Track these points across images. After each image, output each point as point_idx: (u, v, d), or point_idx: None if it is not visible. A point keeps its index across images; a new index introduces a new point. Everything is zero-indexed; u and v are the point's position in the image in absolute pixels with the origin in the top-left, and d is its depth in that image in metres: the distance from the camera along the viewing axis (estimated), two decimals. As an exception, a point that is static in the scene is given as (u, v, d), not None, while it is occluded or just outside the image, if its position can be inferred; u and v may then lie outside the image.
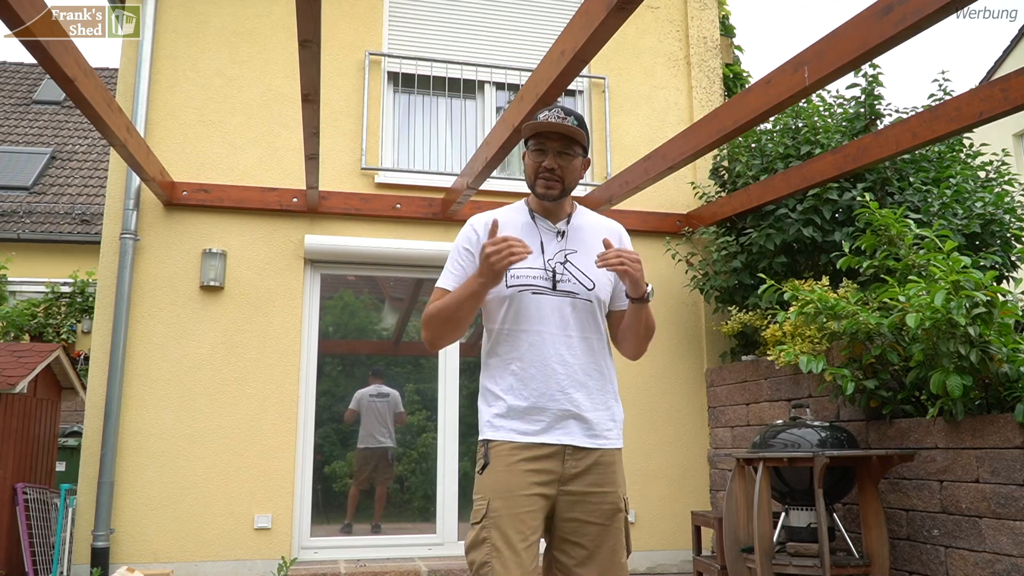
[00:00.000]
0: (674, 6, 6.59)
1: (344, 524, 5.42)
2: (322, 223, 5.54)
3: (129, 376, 5.04)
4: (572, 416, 2.01)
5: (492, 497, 1.93)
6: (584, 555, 1.98)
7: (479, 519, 1.93)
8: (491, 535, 1.89)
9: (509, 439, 1.98)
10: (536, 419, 1.99)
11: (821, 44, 3.45)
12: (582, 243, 2.12)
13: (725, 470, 5.47)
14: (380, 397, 5.61)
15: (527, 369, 2.01)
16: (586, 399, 2.03)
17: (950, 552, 3.55)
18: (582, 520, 1.99)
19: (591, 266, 2.08)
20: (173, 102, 5.48)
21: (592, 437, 2.03)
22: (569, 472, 1.99)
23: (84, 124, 13.23)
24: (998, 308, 3.50)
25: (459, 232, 2.17)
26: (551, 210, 2.14)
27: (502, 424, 2.00)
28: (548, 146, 2.06)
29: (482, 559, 1.88)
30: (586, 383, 2.04)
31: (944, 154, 5.35)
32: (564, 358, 2.03)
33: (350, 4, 5.94)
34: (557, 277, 2.05)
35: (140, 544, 4.86)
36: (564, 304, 2.05)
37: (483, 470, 1.99)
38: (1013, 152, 13.63)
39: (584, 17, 3.13)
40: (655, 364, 5.86)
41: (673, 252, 5.77)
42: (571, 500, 1.99)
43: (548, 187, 2.07)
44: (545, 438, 1.99)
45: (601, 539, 1.99)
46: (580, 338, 2.06)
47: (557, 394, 2.00)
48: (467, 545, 1.96)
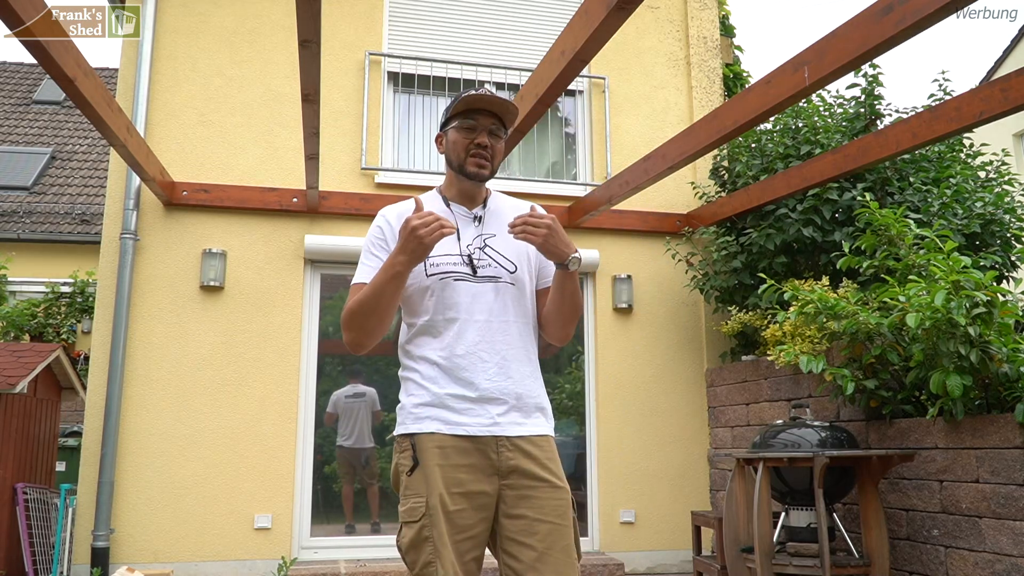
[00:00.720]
0: (674, 6, 6.59)
1: (347, 525, 5.41)
2: (322, 223, 5.54)
3: (129, 376, 5.04)
4: (501, 403, 1.90)
5: (427, 494, 1.81)
6: (534, 556, 1.81)
7: (418, 517, 1.81)
8: (432, 534, 1.79)
9: (437, 430, 1.86)
10: (464, 408, 1.88)
11: (821, 44, 3.45)
12: (500, 226, 2.01)
13: (725, 470, 5.47)
14: (356, 397, 5.57)
15: (452, 358, 1.90)
16: (515, 386, 1.93)
17: (950, 552, 3.55)
18: (530, 518, 1.84)
19: (511, 248, 2.00)
20: (173, 102, 5.48)
21: (521, 425, 1.92)
22: (506, 463, 1.87)
23: (84, 124, 13.23)
24: (998, 308, 3.50)
25: (369, 227, 2.05)
26: (468, 194, 2.04)
27: (427, 414, 1.88)
28: (480, 123, 1.97)
29: (426, 558, 1.78)
30: (515, 369, 1.94)
31: (944, 154, 5.35)
32: (492, 344, 1.92)
33: (350, 4, 5.94)
34: (476, 263, 1.95)
35: (140, 544, 4.87)
36: (487, 290, 1.95)
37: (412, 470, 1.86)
38: (1013, 152, 13.63)
39: (584, 17, 3.13)
40: (655, 364, 5.86)
41: (673, 252, 5.77)
42: (515, 495, 1.86)
43: (480, 166, 1.97)
44: (472, 429, 1.87)
45: (551, 539, 1.83)
46: (506, 323, 1.95)
47: (484, 382, 1.89)
48: (405, 544, 1.82)
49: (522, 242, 1.94)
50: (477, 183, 2.01)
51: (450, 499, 1.81)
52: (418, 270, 1.92)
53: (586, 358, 5.87)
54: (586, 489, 5.66)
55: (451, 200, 2.05)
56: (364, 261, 1.98)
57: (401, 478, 1.89)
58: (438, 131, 2.08)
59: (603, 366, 5.78)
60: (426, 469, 1.83)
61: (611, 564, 5.11)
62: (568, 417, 5.81)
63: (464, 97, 1.96)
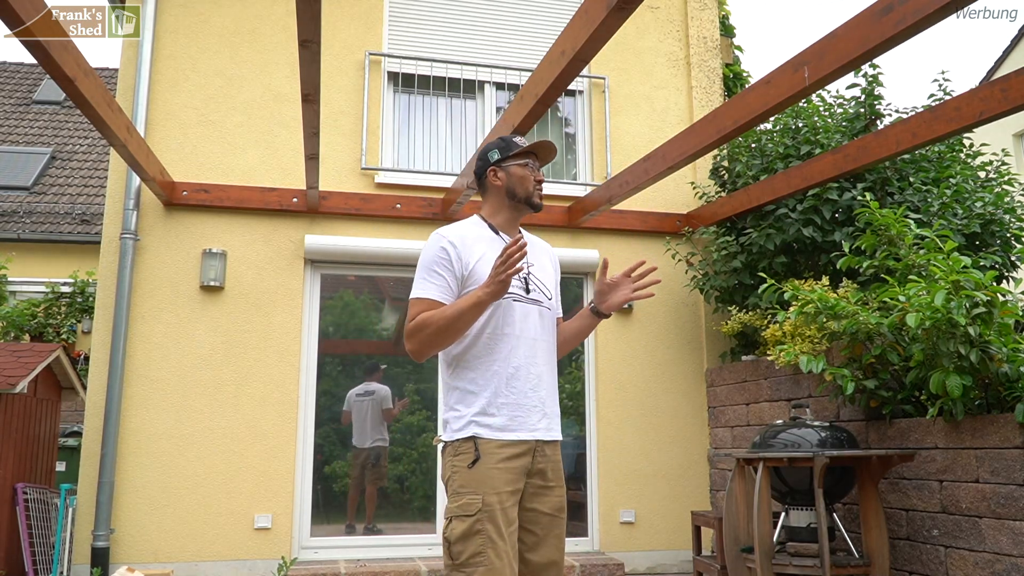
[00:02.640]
0: (674, 6, 6.60)
1: (347, 525, 5.41)
2: (322, 223, 5.54)
3: (129, 376, 5.04)
4: (542, 413, 2.23)
5: (485, 492, 2.06)
6: (535, 540, 2.17)
7: (473, 512, 2.04)
8: (486, 528, 2.03)
9: (495, 437, 2.13)
10: (517, 417, 2.16)
11: (821, 44, 3.45)
12: (537, 259, 2.35)
13: (725, 470, 5.47)
14: (366, 396, 5.57)
15: (507, 370, 2.17)
16: (548, 397, 2.27)
17: (950, 552, 3.55)
18: (538, 511, 2.18)
19: (546, 278, 2.35)
20: (173, 102, 5.48)
21: (550, 432, 2.25)
22: (536, 466, 2.19)
23: (84, 124, 13.23)
24: (998, 308, 3.50)
25: (428, 246, 2.23)
26: (512, 225, 2.34)
27: (488, 422, 2.14)
28: (539, 163, 2.34)
29: (475, 549, 2.01)
30: (548, 383, 2.28)
31: (944, 154, 5.35)
32: (536, 360, 2.24)
33: (350, 4, 5.94)
34: (529, 285, 2.26)
35: (140, 544, 4.87)
36: (534, 311, 2.26)
37: (473, 464, 2.10)
38: (1013, 152, 13.63)
39: (584, 17, 3.13)
40: (655, 364, 5.86)
41: (673, 252, 5.77)
42: (531, 492, 2.18)
43: (541, 198, 2.34)
44: (524, 435, 2.17)
45: (549, 528, 2.20)
46: (545, 342, 2.29)
47: (531, 393, 2.20)
48: (456, 536, 2.04)
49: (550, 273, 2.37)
50: (519, 212, 2.33)
51: (503, 498, 2.09)
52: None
53: (586, 358, 5.87)
54: (586, 489, 5.67)
55: (499, 227, 2.33)
56: (426, 278, 2.18)
57: (457, 477, 2.12)
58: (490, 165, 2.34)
59: (603, 366, 5.78)
60: (483, 470, 2.09)
61: (611, 564, 5.11)
62: (568, 417, 5.81)
63: (534, 144, 2.32)
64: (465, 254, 2.18)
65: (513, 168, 2.30)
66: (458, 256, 2.18)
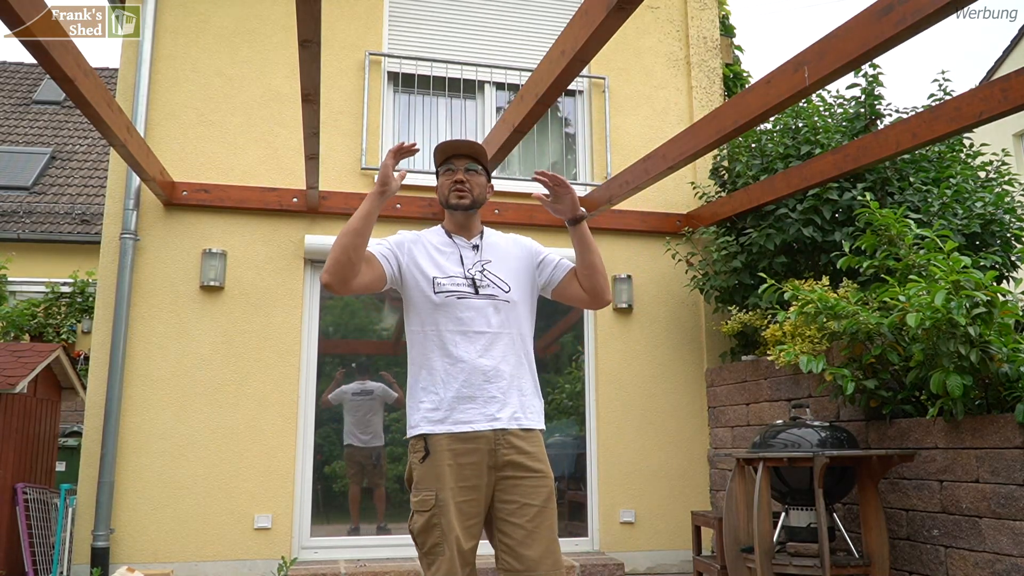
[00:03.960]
0: (674, 6, 6.59)
1: (351, 527, 5.39)
2: (322, 223, 5.54)
3: (129, 376, 5.04)
4: (502, 404, 2.25)
5: (439, 488, 2.16)
6: (524, 534, 2.18)
7: (429, 507, 2.16)
8: (440, 521, 2.14)
9: (443, 431, 2.21)
10: (468, 410, 2.23)
11: (821, 44, 3.45)
12: (495, 254, 2.42)
13: (725, 470, 5.47)
14: (363, 395, 5.55)
15: (456, 364, 2.25)
16: (510, 388, 2.28)
17: (950, 552, 3.55)
18: (521, 503, 2.21)
19: (506, 271, 2.39)
20: (173, 102, 5.48)
21: (516, 420, 2.27)
22: (504, 458, 2.22)
23: (84, 124, 13.23)
24: (998, 308, 3.50)
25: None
26: (465, 227, 2.43)
27: (436, 417, 2.23)
28: (456, 164, 2.40)
29: (435, 540, 2.15)
30: (510, 373, 2.29)
31: (944, 154, 5.35)
32: (491, 353, 2.28)
33: (350, 4, 5.94)
34: (478, 283, 2.33)
35: (140, 544, 4.87)
36: (487, 305, 2.31)
37: (424, 460, 2.20)
38: (1013, 152, 13.63)
39: (584, 17, 3.13)
40: (655, 364, 5.86)
41: (673, 252, 5.77)
42: (508, 484, 2.22)
43: (460, 196, 2.37)
44: (477, 426, 2.22)
45: (539, 519, 2.20)
46: (501, 334, 2.31)
47: (485, 385, 2.25)
48: (417, 528, 2.18)
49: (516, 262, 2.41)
50: (462, 212, 2.39)
51: (458, 493, 2.16)
52: (426, 287, 2.30)
53: (586, 358, 5.87)
54: (586, 489, 5.66)
55: (452, 232, 2.44)
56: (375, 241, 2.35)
57: (414, 473, 2.23)
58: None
59: (603, 366, 5.78)
60: (437, 466, 2.17)
61: (611, 564, 5.11)
62: (568, 417, 5.81)
63: (437, 147, 2.41)
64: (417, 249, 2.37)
65: (440, 177, 2.44)
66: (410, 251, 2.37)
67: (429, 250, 2.37)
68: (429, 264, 2.34)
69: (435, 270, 2.32)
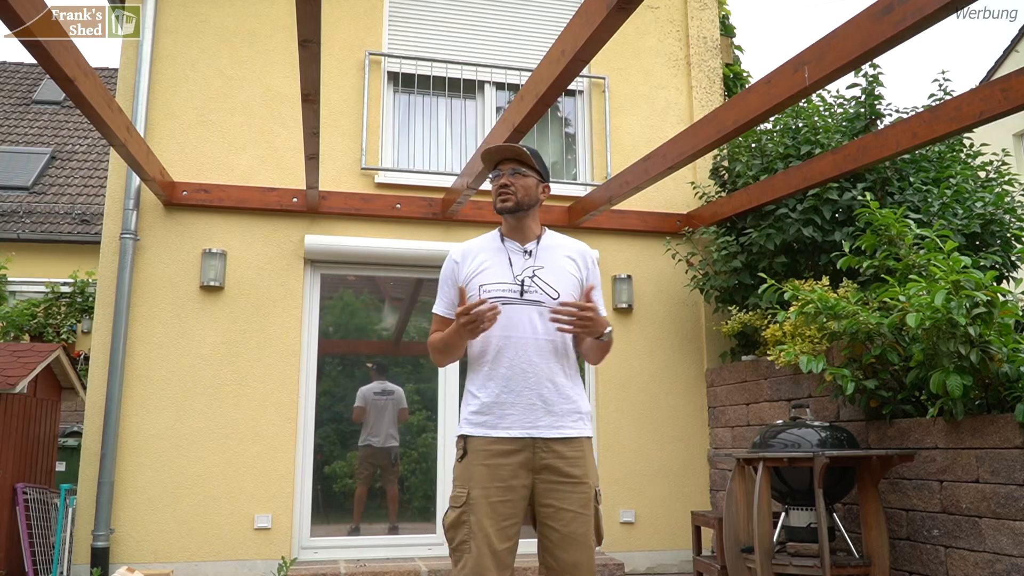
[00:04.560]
0: (674, 6, 6.60)
1: (352, 527, 5.39)
2: (322, 223, 5.54)
3: (129, 376, 5.04)
4: (539, 410, 2.29)
5: (472, 487, 2.23)
6: (558, 537, 2.24)
7: (460, 504, 2.23)
8: (470, 519, 2.20)
9: (483, 434, 2.28)
10: (506, 414, 2.28)
11: (821, 44, 3.45)
12: (549, 261, 2.44)
13: (725, 470, 5.47)
14: (384, 395, 5.57)
15: (498, 369, 2.31)
16: (551, 395, 2.31)
17: (950, 552, 3.55)
18: (557, 507, 2.25)
19: (556, 279, 2.40)
20: (173, 102, 5.48)
21: (558, 428, 2.30)
22: (540, 462, 2.26)
23: (84, 124, 13.23)
24: (998, 308, 3.50)
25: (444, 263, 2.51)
26: (517, 230, 2.47)
27: (478, 420, 2.30)
28: (503, 168, 2.45)
29: (462, 537, 2.20)
30: (551, 380, 2.32)
31: (944, 154, 5.35)
32: (531, 358, 2.32)
33: (350, 4, 5.94)
34: (525, 288, 2.37)
35: (140, 544, 4.87)
36: (532, 311, 2.35)
37: (462, 459, 2.29)
38: (1013, 152, 13.63)
39: (584, 17, 3.13)
40: (655, 364, 5.86)
41: (673, 252, 5.77)
42: (545, 487, 2.26)
43: (504, 199, 2.42)
44: (515, 432, 2.27)
45: (573, 525, 2.23)
46: (545, 341, 2.34)
47: (525, 391, 2.29)
48: (447, 523, 2.25)
49: (569, 275, 2.42)
50: (510, 216, 2.45)
51: (490, 492, 2.21)
52: (473, 295, 2.36)
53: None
54: (586, 489, 5.66)
55: (506, 236, 2.50)
56: (439, 295, 2.50)
57: (454, 470, 2.32)
58: None
59: (603, 366, 5.77)
60: (472, 466, 2.25)
61: (611, 564, 5.11)
62: (568, 417, 5.80)
63: (483, 155, 2.45)
64: (465, 268, 2.43)
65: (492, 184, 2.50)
66: (459, 270, 2.45)
67: (479, 256, 2.44)
68: (478, 270, 2.41)
69: (484, 276, 2.39)
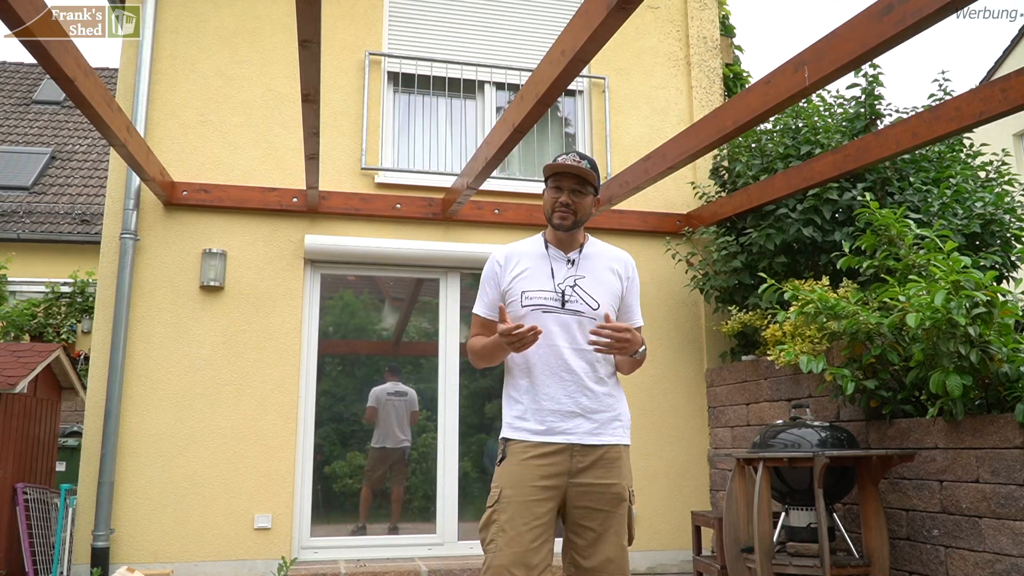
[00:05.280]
0: (674, 6, 6.59)
1: (358, 526, 5.39)
2: (322, 223, 5.54)
3: (129, 376, 5.04)
4: (578, 417, 2.33)
5: (504, 486, 2.28)
6: (593, 536, 2.29)
7: (492, 503, 2.28)
8: (499, 517, 2.24)
9: (523, 438, 2.33)
10: (546, 420, 2.32)
11: (821, 44, 3.45)
12: (591, 271, 2.47)
13: (725, 470, 5.47)
14: (398, 396, 5.57)
15: (539, 376, 2.35)
16: (590, 402, 2.34)
17: (950, 552, 3.55)
18: (590, 508, 2.29)
19: (597, 289, 2.43)
20: (173, 102, 5.48)
21: (596, 435, 2.33)
22: (576, 467, 2.30)
23: (84, 124, 13.23)
24: (998, 308, 3.50)
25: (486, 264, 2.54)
26: (563, 240, 2.50)
27: (519, 425, 2.35)
28: (564, 184, 2.42)
29: (490, 537, 2.25)
30: (590, 388, 2.35)
31: (944, 154, 5.35)
32: (571, 367, 2.34)
33: (350, 4, 5.94)
34: (566, 297, 2.40)
35: (140, 544, 4.86)
36: (571, 321, 2.38)
37: (500, 462, 2.35)
38: (1013, 152, 13.63)
39: (584, 17, 3.13)
40: (655, 364, 5.86)
41: (673, 252, 5.77)
42: (580, 491, 2.30)
43: (563, 218, 2.43)
44: (554, 438, 2.31)
45: (607, 524, 2.29)
46: (585, 350, 2.35)
47: (564, 398, 2.33)
48: (481, 523, 2.31)
49: (609, 285, 2.45)
50: (563, 232, 2.46)
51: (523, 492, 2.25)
52: (515, 300, 2.41)
53: (586, 358, 5.86)
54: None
55: (550, 243, 2.52)
56: (480, 296, 2.53)
57: (495, 472, 2.36)
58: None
59: (603, 366, 5.77)
60: (509, 467, 2.31)
61: (611, 564, 5.10)
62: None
63: (550, 165, 2.43)
64: (508, 271, 2.46)
65: (546, 191, 2.48)
66: (503, 273, 2.48)
67: (523, 262, 2.46)
68: (520, 277, 2.43)
69: (526, 283, 2.42)
